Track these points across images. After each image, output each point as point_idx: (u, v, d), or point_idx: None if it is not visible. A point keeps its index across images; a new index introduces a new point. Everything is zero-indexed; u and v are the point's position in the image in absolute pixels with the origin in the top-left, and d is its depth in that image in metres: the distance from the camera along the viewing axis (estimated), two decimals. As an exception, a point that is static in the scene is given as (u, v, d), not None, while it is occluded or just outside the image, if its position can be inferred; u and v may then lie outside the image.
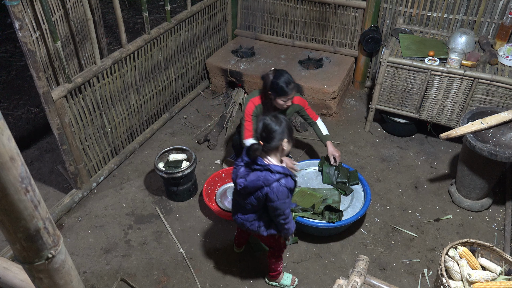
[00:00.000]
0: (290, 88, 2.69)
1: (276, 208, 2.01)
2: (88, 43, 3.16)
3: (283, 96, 2.71)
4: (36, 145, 3.62)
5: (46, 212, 0.77)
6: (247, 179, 2.02)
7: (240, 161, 2.12)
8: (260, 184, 1.98)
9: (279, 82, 2.68)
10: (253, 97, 2.88)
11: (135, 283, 2.53)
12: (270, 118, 2.00)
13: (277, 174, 1.96)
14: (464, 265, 2.18)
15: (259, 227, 2.19)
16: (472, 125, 2.75)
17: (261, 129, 2.00)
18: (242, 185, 2.04)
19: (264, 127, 1.99)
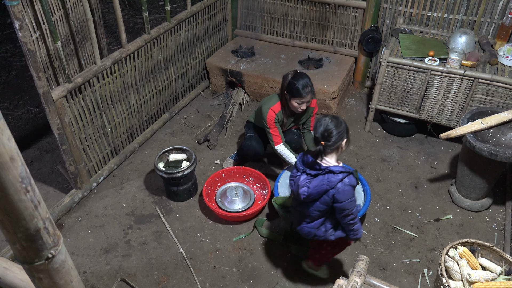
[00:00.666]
0: (306, 91, 2.68)
1: (343, 209, 2.00)
2: (88, 43, 3.16)
3: (297, 98, 2.71)
4: (36, 145, 3.62)
5: (46, 212, 0.77)
6: (310, 187, 2.00)
7: (295, 172, 2.10)
8: (324, 188, 1.96)
9: (296, 83, 2.67)
10: (272, 104, 2.85)
11: (135, 283, 2.53)
12: (330, 119, 1.99)
13: (340, 174, 1.95)
14: (464, 265, 2.19)
15: (325, 232, 2.16)
16: (472, 125, 2.75)
17: (323, 130, 1.97)
18: (306, 194, 2.02)
19: (326, 128, 1.97)
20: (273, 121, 2.85)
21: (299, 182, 2.04)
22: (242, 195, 3.04)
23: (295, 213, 2.26)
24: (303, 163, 2.08)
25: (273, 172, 3.34)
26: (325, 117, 2.02)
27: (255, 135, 3.13)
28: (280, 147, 2.90)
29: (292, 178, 2.14)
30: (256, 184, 3.17)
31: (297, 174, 2.09)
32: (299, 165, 2.09)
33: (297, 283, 2.55)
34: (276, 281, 2.55)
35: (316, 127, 2.01)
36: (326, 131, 1.96)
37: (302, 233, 2.24)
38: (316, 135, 2.00)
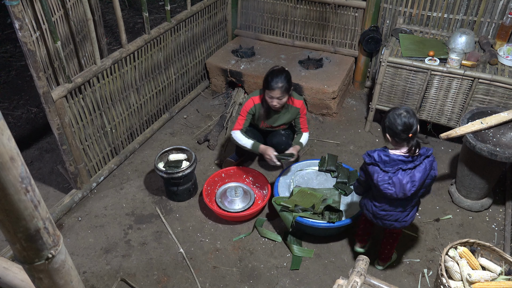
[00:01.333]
0: (276, 86, 2.66)
1: (434, 179, 2.18)
2: (88, 43, 3.16)
3: (268, 91, 2.71)
4: (36, 145, 3.62)
5: (46, 212, 0.77)
6: (415, 180, 2.05)
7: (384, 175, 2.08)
8: (427, 172, 2.08)
9: (269, 76, 2.69)
10: (255, 95, 2.90)
11: (135, 283, 2.53)
12: (405, 111, 2.03)
13: (431, 155, 2.10)
14: (464, 265, 2.19)
15: (412, 217, 2.28)
16: (472, 125, 2.75)
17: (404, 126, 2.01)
18: (414, 189, 2.07)
19: (406, 122, 2.01)
20: (247, 110, 2.87)
21: (404, 181, 2.05)
22: (242, 195, 3.04)
23: (387, 209, 2.23)
24: (386, 163, 2.07)
25: (273, 172, 3.34)
26: (396, 111, 2.04)
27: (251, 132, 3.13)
28: (235, 132, 2.91)
29: (383, 182, 2.09)
30: (256, 184, 3.17)
31: (385, 178, 2.08)
32: (384, 167, 2.07)
33: (297, 283, 2.55)
34: (276, 281, 2.55)
35: (395, 124, 2.02)
36: (408, 125, 2.00)
37: (399, 226, 2.29)
38: (398, 130, 2.01)
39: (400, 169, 2.05)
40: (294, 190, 2.82)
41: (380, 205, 2.24)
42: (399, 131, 2.01)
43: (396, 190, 2.07)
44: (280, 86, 2.67)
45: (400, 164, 2.05)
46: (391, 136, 2.07)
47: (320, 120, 3.93)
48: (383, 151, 2.09)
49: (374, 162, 2.09)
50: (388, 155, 2.06)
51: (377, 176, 2.09)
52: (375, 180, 2.10)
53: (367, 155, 2.12)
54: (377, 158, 2.07)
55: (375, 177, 2.09)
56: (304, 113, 3.00)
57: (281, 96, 2.73)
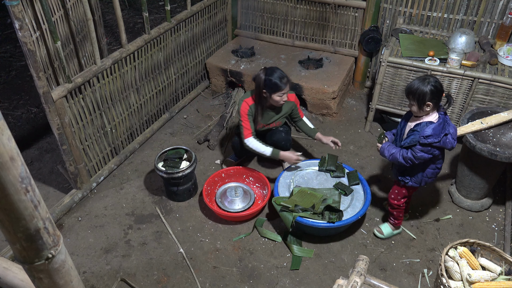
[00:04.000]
0: (284, 82, 2.73)
1: None
2: (88, 43, 3.16)
3: (278, 92, 2.75)
4: (36, 145, 3.62)
5: (46, 212, 0.77)
6: (454, 129, 2.31)
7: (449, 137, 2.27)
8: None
9: (272, 79, 2.72)
10: (246, 97, 2.91)
11: (135, 283, 2.53)
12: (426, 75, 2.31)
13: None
14: (464, 265, 2.18)
15: None
16: (472, 125, 2.75)
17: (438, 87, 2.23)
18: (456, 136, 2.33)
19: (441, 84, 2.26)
20: (246, 112, 2.87)
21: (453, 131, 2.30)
22: (242, 195, 3.04)
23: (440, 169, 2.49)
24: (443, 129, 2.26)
25: (273, 172, 3.34)
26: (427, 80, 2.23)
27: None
28: (249, 140, 2.89)
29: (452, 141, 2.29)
30: (256, 184, 3.17)
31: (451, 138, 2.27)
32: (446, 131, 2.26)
33: (297, 283, 2.55)
34: (276, 281, 2.55)
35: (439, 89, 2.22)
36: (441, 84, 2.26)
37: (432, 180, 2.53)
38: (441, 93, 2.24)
39: (448, 122, 2.31)
40: (294, 190, 2.82)
41: (440, 165, 2.47)
42: (440, 94, 2.24)
43: (455, 138, 2.32)
44: (286, 80, 2.75)
45: (446, 120, 2.30)
46: (435, 102, 2.25)
47: (320, 120, 3.93)
48: (432, 124, 2.26)
49: (440, 137, 2.24)
50: (440, 123, 2.26)
51: (451, 142, 2.28)
52: (449, 146, 2.29)
53: (430, 137, 2.23)
54: (438, 132, 2.24)
55: (448, 145, 2.28)
56: (298, 103, 3.09)
57: (286, 92, 2.81)
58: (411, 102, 2.29)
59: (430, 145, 2.26)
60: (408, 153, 2.34)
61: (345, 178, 2.98)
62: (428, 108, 2.26)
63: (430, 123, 2.27)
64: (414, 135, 2.30)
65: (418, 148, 2.29)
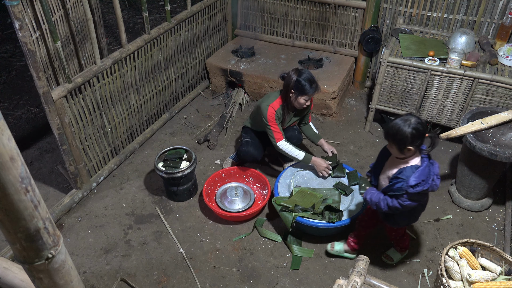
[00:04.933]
0: (314, 87, 2.75)
1: None
2: (88, 43, 3.16)
3: (305, 95, 2.76)
4: (36, 145, 3.62)
5: (46, 212, 0.77)
6: (437, 167, 2.16)
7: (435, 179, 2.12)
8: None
9: (303, 81, 2.71)
10: (271, 102, 2.85)
11: (135, 283, 2.53)
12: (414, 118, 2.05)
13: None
14: (464, 265, 2.18)
15: None
16: (472, 125, 2.75)
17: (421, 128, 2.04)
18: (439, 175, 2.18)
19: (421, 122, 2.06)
20: (274, 117, 2.85)
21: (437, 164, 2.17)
22: (242, 195, 3.04)
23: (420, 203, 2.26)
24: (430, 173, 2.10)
25: (273, 172, 3.34)
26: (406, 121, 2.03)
27: (252, 140, 3.13)
28: (282, 143, 2.90)
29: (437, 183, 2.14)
30: (256, 184, 3.17)
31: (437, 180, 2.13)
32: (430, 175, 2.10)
33: (297, 283, 2.55)
34: (276, 281, 2.55)
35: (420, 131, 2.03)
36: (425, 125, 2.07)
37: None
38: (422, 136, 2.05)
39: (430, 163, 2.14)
40: (294, 190, 2.82)
41: (426, 202, 2.35)
42: (422, 137, 2.05)
43: (439, 176, 2.18)
44: (316, 86, 2.76)
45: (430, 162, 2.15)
46: (417, 146, 2.06)
47: (320, 120, 3.93)
48: (417, 169, 2.07)
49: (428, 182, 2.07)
50: (426, 166, 2.08)
51: (437, 185, 2.13)
52: (437, 189, 2.15)
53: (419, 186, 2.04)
54: (425, 177, 2.06)
55: (435, 187, 2.13)
56: (312, 106, 3.13)
57: (312, 96, 2.84)
58: (391, 143, 2.10)
59: (419, 193, 2.07)
60: (393, 202, 2.13)
61: (345, 178, 2.98)
62: (409, 153, 2.08)
63: (415, 168, 2.07)
64: (400, 183, 2.07)
65: (406, 197, 2.09)
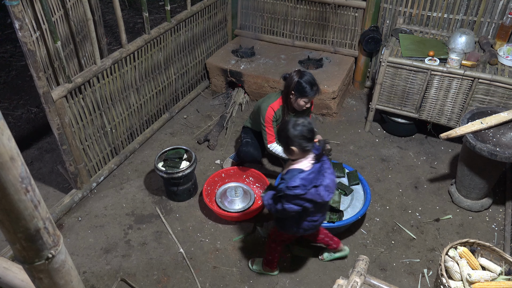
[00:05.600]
0: (314, 90, 2.74)
1: None
2: (88, 43, 3.16)
3: (305, 97, 2.74)
4: (36, 145, 3.62)
5: (46, 212, 0.77)
6: (331, 170, 2.10)
7: (323, 188, 2.03)
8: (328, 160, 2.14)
9: (304, 83, 2.71)
10: (271, 102, 2.87)
11: (135, 283, 2.53)
12: (307, 120, 2.06)
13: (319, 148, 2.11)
14: (464, 265, 2.18)
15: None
16: (472, 125, 2.75)
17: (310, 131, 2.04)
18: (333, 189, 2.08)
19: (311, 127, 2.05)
20: (271, 119, 2.87)
21: (333, 178, 2.09)
22: (242, 195, 3.04)
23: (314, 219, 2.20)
24: (316, 180, 2.04)
25: (273, 172, 3.34)
26: (294, 122, 2.04)
27: (252, 141, 3.14)
28: (273, 145, 2.94)
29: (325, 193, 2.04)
30: (256, 184, 3.17)
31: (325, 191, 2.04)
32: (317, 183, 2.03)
33: (297, 283, 2.55)
34: (276, 281, 2.55)
35: (302, 134, 2.00)
36: (313, 131, 2.06)
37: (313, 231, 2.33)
38: (308, 138, 2.02)
39: (324, 173, 2.06)
40: (294, 190, 2.81)
41: (317, 218, 2.20)
42: (307, 140, 2.01)
43: (333, 190, 2.09)
44: (316, 88, 2.74)
45: (322, 170, 2.06)
46: (302, 149, 2.02)
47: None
48: (302, 173, 2.02)
49: (308, 188, 2.00)
50: (311, 172, 2.02)
51: (320, 194, 2.02)
52: (320, 199, 2.03)
53: (296, 188, 1.98)
54: (306, 182, 2.00)
55: (318, 198, 2.03)
56: (312, 108, 3.12)
57: (312, 98, 2.81)
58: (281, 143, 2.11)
59: (297, 197, 2.00)
60: (278, 205, 2.09)
61: (345, 178, 2.98)
62: (295, 154, 2.05)
63: (299, 171, 2.02)
64: (282, 184, 2.04)
65: (286, 199, 2.05)
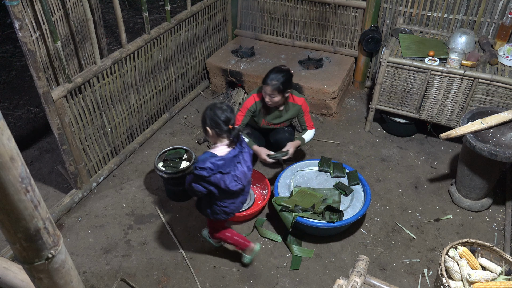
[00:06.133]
0: (269, 82, 2.73)
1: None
2: (88, 43, 3.16)
3: (263, 85, 2.77)
4: (36, 145, 3.62)
5: (46, 212, 0.77)
6: (248, 163, 2.19)
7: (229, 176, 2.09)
8: (248, 151, 2.24)
9: (269, 73, 2.75)
10: (255, 92, 2.95)
11: (135, 283, 2.53)
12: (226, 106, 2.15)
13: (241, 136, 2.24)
14: (464, 265, 2.18)
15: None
16: (472, 125, 2.75)
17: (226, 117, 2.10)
18: (251, 171, 2.21)
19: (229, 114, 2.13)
20: (248, 107, 2.92)
21: (245, 170, 2.17)
22: (242, 195, 3.04)
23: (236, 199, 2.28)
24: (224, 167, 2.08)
25: (273, 172, 3.34)
26: (217, 105, 2.13)
27: (252, 131, 3.17)
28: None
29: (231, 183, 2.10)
30: (256, 184, 3.17)
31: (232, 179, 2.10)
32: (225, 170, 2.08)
33: (297, 283, 2.55)
34: (276, 281, 2.55)
35: (217, 115, 2.08)
36: (229, 117, 2.11)
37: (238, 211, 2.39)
38: (222, 122, 2.08)
39: (237, 164, 2.13)
40: (294, 190, 2.82)
41: (226, 204, 2.26)
42: (221, 123, 2.08)
43: (243, 181, 2.16)
44: (273, 83, 2.73)
45: (235, 159, 2.13)
46: (212, 128, 2.10)
47: (320, 120, 3.93)
48: (213, 157, 2.07)
49: (214, 172, 2.05)
50: (221, 159, 2.07)
51: (225, 182, 2.08)
52: (224, 186, 2.08)
53: (203, 170, 2.04)
54: (213, 167, 2.04)
55: (222, 184, 2.08)
56: (307, 110, 3.05)
57: (272, 93, 2.78)
58: None
59: (202, 178, 2.07)
60: (187, 178, 2.21)
61: (345, 178, 2.98)
62: (210, 137, 2.15)
63: (211, 155, 2.08)
64: (196, 163, 2.10)
65: (192, 177, 2.13)
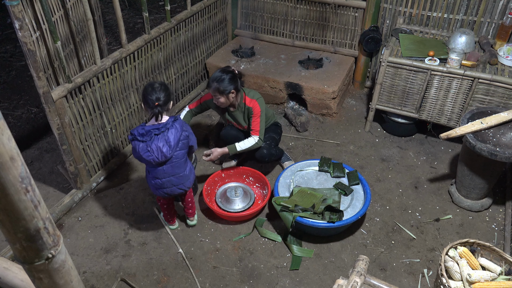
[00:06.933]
0: (211, 81, 2.80)
1: (194, 142, 2.55)
2: (88, 43, 3.16)
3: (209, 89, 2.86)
4: (36, 145, 3.62)
5: (46, 212, 0.77)
6: (170, 141, 2.33)
7: (143, 145, 2.32)
8: (179, 133, 2.38)
9: (213, 74, 2.83)
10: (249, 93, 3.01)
11: (135, 283, 2.53)
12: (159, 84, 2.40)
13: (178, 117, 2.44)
14: (464, 265, 2.19)
15: (190, 171, 2.57)
16: (472, 125, 2.75)
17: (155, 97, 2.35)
18: (171, 150, 2.35)
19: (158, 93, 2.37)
20: (204, 100, 3.09)
21: (160, 145, 2.32)
22: (242, 195, 3.04)
23: (158, 177, 2.46)
24: (143, 135, 2.32)
25: (273, 172, 3.34)
26: (152, 83, 2.39)
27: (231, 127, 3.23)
28: (185, 109, 3.14)
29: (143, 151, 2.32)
30: (256, 184, 3.17)
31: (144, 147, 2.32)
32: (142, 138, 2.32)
33: (297, 283, 2.55)
34: (276, 281, 2.56)
35: (147, 93, 2.34)
36: (157, 95, 2.35)
37: (167, 195, 2.55)
38: (149, 99, 2.33)
39: (154, 136, 2.32)
40: (294, 190, 2.82)
41: (151, 175, 2.48)
42: (149, 100, 2.34)
43: (156, 154, 2.33)
44: (213, 85, 2.78)
45: (153, 132, 2.33)
46: (144, 103, 2.39)
47: (320, 120, 3.93)
48: (141, 127, 2.36)
49: (134, 138, 2.34)
50: (144, 128, 2.34)
51: (138, 147, 2.34)
52: (138, 151, 2.34)
53: (130, 135, 2.37)
54: (135, 133, 2.33)
55: (137, 149, 2.34)
56: (256, 114, 2.90)
57: (214, 94, 2.84)
58: None
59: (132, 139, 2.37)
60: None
61: (345, 178, 2.98)
62: (145, 111, 2.45)
63: (141, 125, 2.38)
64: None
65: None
